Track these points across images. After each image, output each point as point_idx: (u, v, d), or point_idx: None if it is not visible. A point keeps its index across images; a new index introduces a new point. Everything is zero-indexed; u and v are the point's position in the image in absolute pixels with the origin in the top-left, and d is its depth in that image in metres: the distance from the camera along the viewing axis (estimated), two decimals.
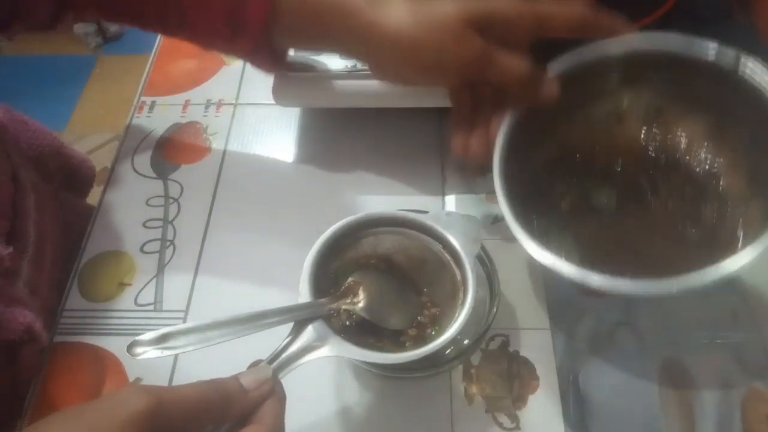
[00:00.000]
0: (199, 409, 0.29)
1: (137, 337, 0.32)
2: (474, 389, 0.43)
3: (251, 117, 0.61)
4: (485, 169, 0.41)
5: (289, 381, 0.33)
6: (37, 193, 0.53)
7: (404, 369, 0.42)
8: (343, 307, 0.38)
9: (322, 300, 0.38)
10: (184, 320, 0.47)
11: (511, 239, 0.50)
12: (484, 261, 0.42)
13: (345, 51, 0.46)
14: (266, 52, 0.45)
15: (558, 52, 0.43)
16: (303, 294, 0.37)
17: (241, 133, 0.60)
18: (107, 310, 0.48)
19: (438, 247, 0.41)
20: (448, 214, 0.42)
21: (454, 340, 0.43)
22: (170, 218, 0.54)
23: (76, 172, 0.62)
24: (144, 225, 0.53)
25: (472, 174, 0.43)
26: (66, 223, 0.56)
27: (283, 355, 0.34)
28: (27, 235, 0.50)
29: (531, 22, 0.40)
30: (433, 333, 0.39)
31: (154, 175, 0.57)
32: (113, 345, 0.46)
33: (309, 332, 0.35)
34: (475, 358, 0.44)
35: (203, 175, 0.56)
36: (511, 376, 0.44)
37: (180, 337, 0.32)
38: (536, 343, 0.45)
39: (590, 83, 0.44)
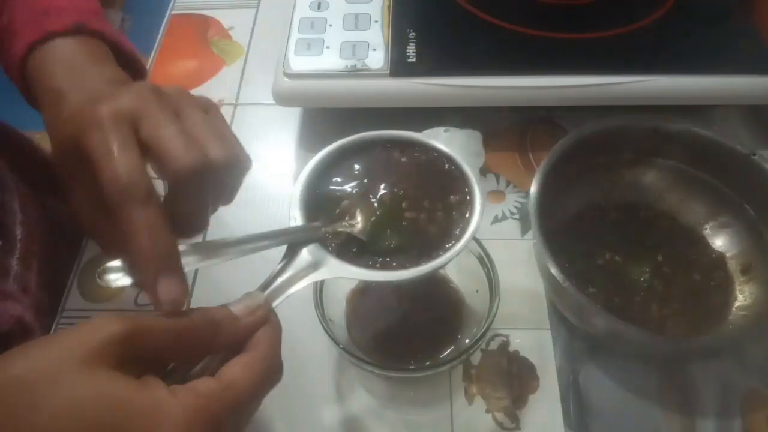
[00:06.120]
0: (182, 336, 0.26)
1: (108, 263, 0.27)
2: (474, 389, 0.43)
3: (251, 117, 0.61)
4: None
5: (289, 381, 0.33)
6: (21, 195, 0.53)
7: (404, 369, 0.42)
8: (339, 229, 0.35)
9: (317, 223, 0.35)
10: None
11: (511, 239, 0.51)
12: (484, 261, 0.42)
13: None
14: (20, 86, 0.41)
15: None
16: (295, 217, 0.35)
17: (241, 133, 0.58)
18: (107, 310, 0.48)
19: (438, 164, 0.38)
20: (447, 129, 0.39)
21: (455, 339, 0.44)
22: None
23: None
24: None
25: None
26: (53, 224, 0.56)
27: (277, 281, 0.31)
28: (14, 233, 0.50)
29: None
30: (435, 254, 0.35)
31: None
32: None
33: (304, 256, 0.32)
34: (475, 358, 0.44)
35: None
36: (511, 376, 0.44)
37: None
38: (536, 343, 0.45)
39: (612, 149, 0.48)
